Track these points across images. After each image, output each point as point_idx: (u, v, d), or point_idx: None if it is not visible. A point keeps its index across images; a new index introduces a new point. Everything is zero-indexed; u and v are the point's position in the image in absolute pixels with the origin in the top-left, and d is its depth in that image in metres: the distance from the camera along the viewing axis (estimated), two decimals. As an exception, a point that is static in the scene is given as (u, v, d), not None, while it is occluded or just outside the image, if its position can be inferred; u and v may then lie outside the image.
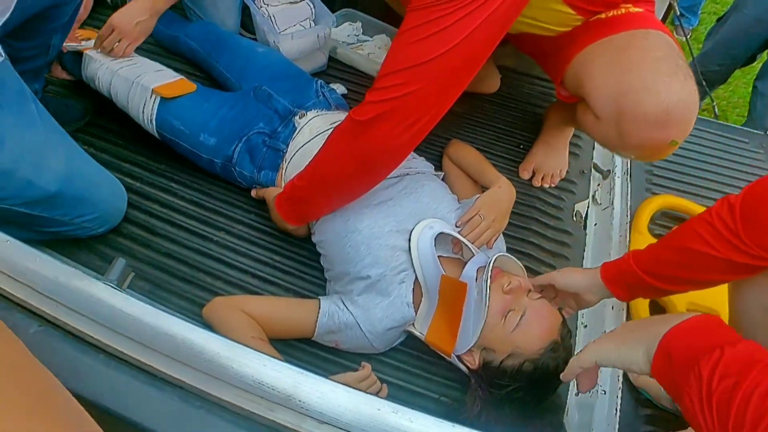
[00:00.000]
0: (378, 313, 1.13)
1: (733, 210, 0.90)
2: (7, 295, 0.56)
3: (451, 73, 0.97)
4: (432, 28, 0.92)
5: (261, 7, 1.70)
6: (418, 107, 0.99)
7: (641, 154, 1.21)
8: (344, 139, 1.08)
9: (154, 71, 1.46)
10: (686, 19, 3.42)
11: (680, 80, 1.09)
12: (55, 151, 1.13)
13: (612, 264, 1.09)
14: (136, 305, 0.55)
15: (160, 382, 0.54)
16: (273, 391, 0.50)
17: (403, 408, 0.50)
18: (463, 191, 1.37)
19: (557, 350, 1.06)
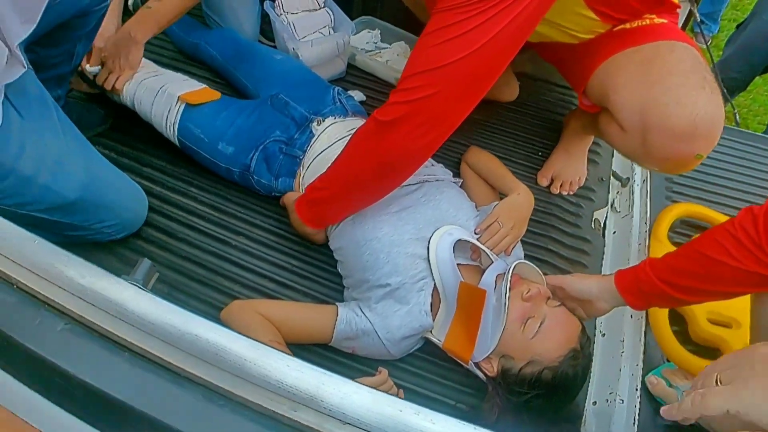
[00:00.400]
0: (396, 320, 1.13)
1: (757, 221, 0.89)
2: (35, 294, 0.58)
3: (473, 75, 0.97)
4: (455, 30, 0.92)
5: (281, 14, 1.72)
6: (441, 109, 0.99)
7: (666, 167, 1.22)
8: (367, 140, 1.09)
9: (179, 80, 1.48)
10: (706, 26, 3.40)
11: (707, 94, 1.08)
12: (75, 158, 1.14)
13: (627, 272, 1.08)
14: (161, 305, 0.55)
15: (184, 380, 0.54)
16: (296, 391, 0.51)
17: (425, 410, 0.51)
18: (481, 198, 1.37)
19: (577, 358, 1.06)
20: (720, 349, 1.32)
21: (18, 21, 0.97)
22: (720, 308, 1.34)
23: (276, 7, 1.73)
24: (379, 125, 1.03)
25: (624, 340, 1.33)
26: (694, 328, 1.35)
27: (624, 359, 1.30)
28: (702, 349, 1.33)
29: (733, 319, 1.33)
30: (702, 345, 1.35)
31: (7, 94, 1.01)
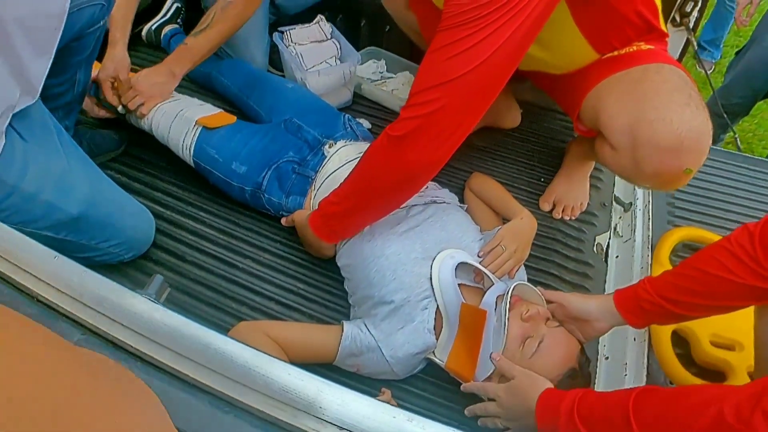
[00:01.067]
0: (400, 338, 1.15)
1: (753, 237, 0.92)
2: (54, 307, 0.61)
3: (479, 88, 1.02)
4: (461, 46, 0.97)
5: (289, 45, 1.78)
6: (449, 121, 1.04)
7: (657, 183, 1.24)
8: (380, 154, 1.12)
9: (196, 105, 1.54)
10: (708, 52, 3.45)
11: (692, 110, 1.12)
12: (77, 176, 1.19)
13: (627, 290, 1.10)
14: (172, 317, 0.59)
15: (192, 388, 0.57)
16: (296, 398, 0.53)
17: (417, 417, 0.53)
18: (485, 223, 1.39)
19: (575, 377, 1.07)
20: (723, 371, 1.33)
21: (33, 54, 1.02)
22: (723, 331, 1.35)
23: (285, 39, 1.79)
24: (392, 140, 1.07)
25: (627, 363, 1.34)
26: (697, 350, 1.36)
27: (627, 382, 1.31)
28: (705, 372, 1.34)
29: (737, 342, 1.34)
30: (705, 368, 1.35)
31: (11, 119, 1.07)
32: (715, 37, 3.41)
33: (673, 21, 1.72)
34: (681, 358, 1.33)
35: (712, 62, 3.45)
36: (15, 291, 0.61)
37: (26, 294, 0.61)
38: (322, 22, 1.86)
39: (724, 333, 1.35)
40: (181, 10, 2.01)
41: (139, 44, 1.98)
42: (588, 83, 1.30)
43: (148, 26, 1.96)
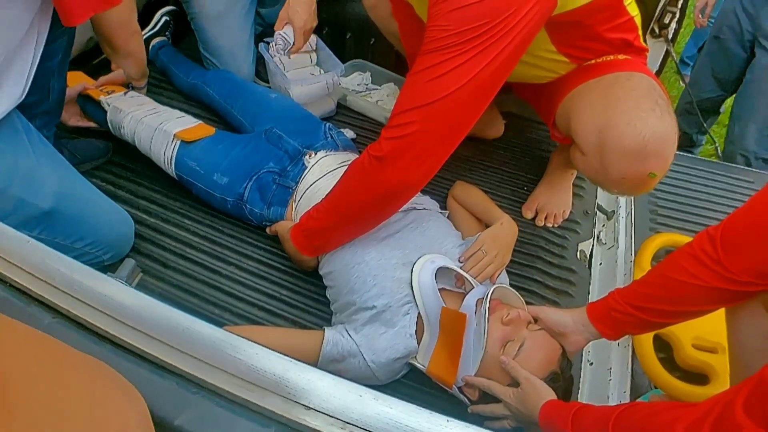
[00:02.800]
0: (382, 343, 1.15)
1: (714, 240, 0.93)
2: (26, 290, 0.61)
3: (460, 110, 1.04)
4: (441, 69, 0.99)
5: (274, 56, 1.80)
6: (431, 142, 1.06)
7: (624, 188, 1.25)
8: (361, 174, 1.13)
9: (175, 118, 1.54)
10: (691, 67, 3.49)
11: (657, 115, 1.14)
12: (46, 172, 1.20)
13: (598, 303, 1.11)
14: (141, 298, 0.59)
15: (160, 369, 0.57)
16: (264, 378, 0.54)
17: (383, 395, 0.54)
18: (467, 230, 1.40)
19: (557, 381, 1.07)
20: (707, 374, 1.33)
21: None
22: (705, 334, 1.35)
23: (270, 49, 1.81)
24: (373, 160, 1.08)
25: (611, 368, 1.34)
26: (680, 354, 1.36)
27: (612, 387, 1.31)
28: (689, 375, 1.34)
29: (719, 344, 1.34)
30: (688, 371, 1.36)
31: None
32: (696, 53, 3.46)
33: (652, 32, 1.75)
34: (664, 362, 1.34)
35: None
36: (-14, 276, 0.62)
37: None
38: (307, 34, 1.88)
39: (707, 336, 1.35)
40: (169, 23, 2.03)
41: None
42: (563, 91, 1.33)
43: (136, 39, 1.98)
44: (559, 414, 0.95)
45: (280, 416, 0.54)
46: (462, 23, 0.97)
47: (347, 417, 0.53)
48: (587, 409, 0.93)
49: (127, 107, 1.55)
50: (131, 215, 1.38)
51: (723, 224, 0.93)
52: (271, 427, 0.53)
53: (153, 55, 1.96)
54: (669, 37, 1.75)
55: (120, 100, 1.57)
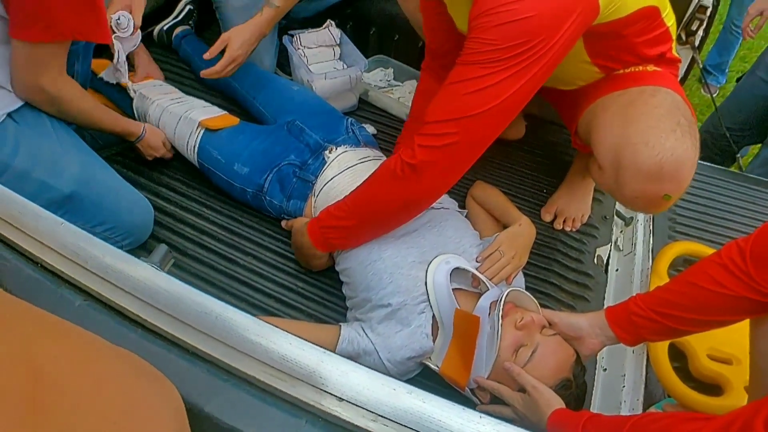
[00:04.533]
0: (397, 341, 1.15)
1: (744, 253, 0.93)
2: (58, 273, 0.61)
3: (496, 122, 1.06)
4: (482, 83, 1.01)
5: (298, 48, 1.80)
6: (466, 153, 1.09)
7: (637, 206, 1.24)
8: (392, 179, 1.14)
9: (201, 107, 1.55)
10: (714, 77, 3.46)
11: (677, 137, 1.11)
12: (69, 156, 1.22)
13: (618, 306, 1.10)
14: (174, 284, 0.59)
15: (191, 355, 0.57)
16: (296, 368, 0.54)
17: (417, 389, 0.53)
18: (485, 230, 1.40)
19: (569, 387, 1.06)
20: (721, 385, 1.32)
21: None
22: (720, 345, 1.34)
23: (294, 42, 1.81)
24: (406, 167, 1.10)
25: (625, 375, 1.34)
26: (695, 364, 1.35)
27: (625, 394, 1.31)
28: (702, 386, 1.33)
29: (733, 356, 1.33)
30: (702, 381, 1.35)
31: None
32: (720, 61, 3.43)
33: (679, 39, 1.74)
34: (678, 372, 1.33)
35: (717, 86, 3.46)
36: (20, 257, 0.62)
37: (30, 260, 0.62)
38: (332, 27, 1.88)
39: (722, 347, 1.34)
40: (193, 12, 2.03)
41: (150, 44, 2.00)
42: (587, 99, 1.31)
43: (160, 27, 1.98)
44: (567, 424, 0.94)
45: (312, 407, 0.53)
46: (506, 39, 0.97)
47: (379, 410, 0.53)
48: (597, 419, 0.93)
49: (154, 95, 1.56)
50: (150, 202, 1.38)
51: (753, 237, 0.93)
52: (302, 417, 0.53)
53: (177, 43, 1.96)
54: (695, 44, 1.74)
55: (147, 88, 1.58)
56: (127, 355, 0.48)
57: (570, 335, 1.12)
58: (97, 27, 1.16)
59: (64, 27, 1.11)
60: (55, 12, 1.07)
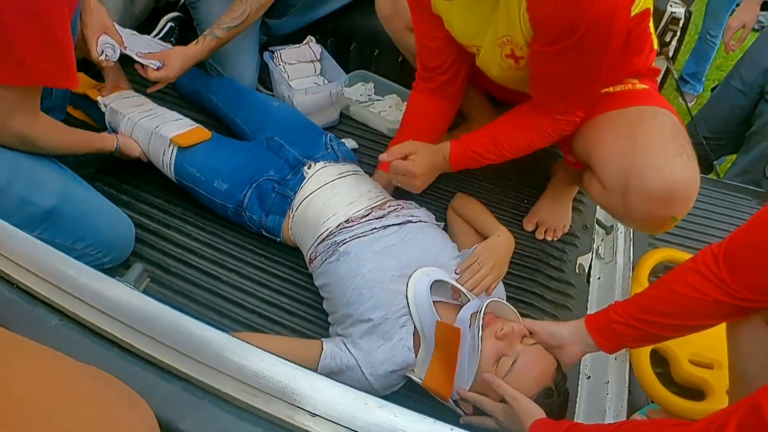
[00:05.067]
0: (380, 355, 1.15)
1: (717, 258, 0.95)
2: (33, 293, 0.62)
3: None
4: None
5: (279, 64, 1.82)
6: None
7: (643, 227, 1.29)
8: (539, 134, 1.34)
9: (171, 120, 1.54)
10: (691, 85, 3.51)
11: (684, 161, 1.15)
12: (48, 172, 1.23)
13: (597, 314, 1.12)
14: (149, 303, 0.59)
15: (167, 374, 0.58)
16: (270, 384, 0.54)
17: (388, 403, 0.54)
18: (465, 241, 1.41)
19: (551, 396, 1.07)
20: (703, 390, 1.34)
21: None
22: (701, 350, 1.36)
23: (275, 58, 1.83)
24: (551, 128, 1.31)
25: (609, 382, 1.35)
26: (677, 369, 1.37)
27: (609, 401, 1.32)
28: (685, 390, 1.35)
29: (715, 360, 1.35)
30: (685, 386, 1.36)
31: None
32: (697, 70, 3.49)
33: (654, 50, 1.77)
34: (661, 377, 1.34)
35: (695, 95, 3.52)
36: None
37: (6, 280, 0.62)
38: (312, 43, 1.90)
39: (703, 352, 1.36)
40: (174, 29, 2.05)
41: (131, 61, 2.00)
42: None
43: (141, 44, 1.99)
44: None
45: (286, 422, 0.54)
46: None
47: (352, 424, 0.53)
48: (578, 428, 0.93)
49: (124, 109, 1.56)
50: (132, 219, 1.38)
51: (726, 242, 0.95)
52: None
53: (158, 61, 1.97)
54: (670, 55, 1.77)
55: (117, 101, 1.57)
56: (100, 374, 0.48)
57: (551, 344, 1.13)
58: (66, 74, 1.16)
59: (33, 72, 1.11)
60: (24, 57, 1.07)
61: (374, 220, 1.30)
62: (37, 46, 1.08)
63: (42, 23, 1.06)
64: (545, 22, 1.12)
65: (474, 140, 1.38)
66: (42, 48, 1.09)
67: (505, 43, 1.24)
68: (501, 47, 1.25)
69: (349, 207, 1.34)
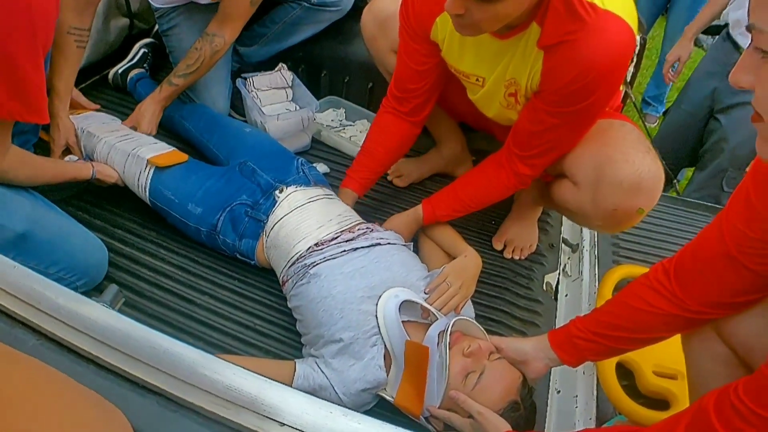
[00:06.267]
0: (352, 374, 1.17)
1: (668, 273, 1.00)
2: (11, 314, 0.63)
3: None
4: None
5: (251, 91, 1.85)
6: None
7: (611, 221, 1.33)
8: (505, 190, 1.46)
9: (148, 144, 1.57)
10: (653, 107, 3.62)
11: (651, 158, 1.24)
12: (18, 198, 1.23)
13: (560, 330, 1.15)
14: (125, 322, 0.61)
15: (141, 389, 0.60)
16: (239, 396, 0.57)
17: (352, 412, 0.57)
18: (434, 262, 1.44)
19: (517, 410, 1.10)
20: (668, 399, 1.38)
21: None
22: (665, 361, 1.40)
23: (247, 84, 1.87)
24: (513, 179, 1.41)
25: (577, 396, 1.38)
26: (642, 381, 1.41)
27: (578, 414, 1.35)
28: (651, 401, 1.39)
29: (678, 371, 1.39)
30: (650, 397, 1.40)
31: None
32: (658, 93, 3.61)
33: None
34: (627, 389, 1.38)
35: (657, 116, 3.63)
36: (-28, 300, 0.64)
37: (-18, 303, 0.64)
38: (284, 70, 1.94)
39: (666, 363, 1.40)
40: (148, 55, 2.07)
41: (105, 87, 2.03)
42: None
43: (115, 70, 2.02)
44: None
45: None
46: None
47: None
48: None
49: (100, 132, 1.58)
50: (106, 244, 1.39)
51: (675, 257, 1.00)
52: (247, 443, 0.56)
53: (131, 86, 2.00)
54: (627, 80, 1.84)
55: (94, 125, 1.59)
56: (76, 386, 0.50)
57: (516, 359, 1.16)
58: (37, 111, 1.17)
59: (3, 109, 1.11)
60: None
61: (344, 242, 1.33)
62: (6, 86, 1.08)
63: (12, 62, 1.06)
64: (553, 86, 1.19)
65: (439, 201, 1.52)
66: (12, 87, 1.09)
67: (511, 84, 1.30)
68: (506, 87, 1.32)
69: (318, 230, 1.36)
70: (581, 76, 1.13)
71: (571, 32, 1.11)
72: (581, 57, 1.11)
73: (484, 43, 1.26)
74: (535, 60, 1.20)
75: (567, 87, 1.16)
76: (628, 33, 1.12)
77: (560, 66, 1.15)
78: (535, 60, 1.20)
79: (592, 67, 1.12)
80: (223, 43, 1.72)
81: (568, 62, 1.13)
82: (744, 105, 2.14)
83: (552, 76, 1.18)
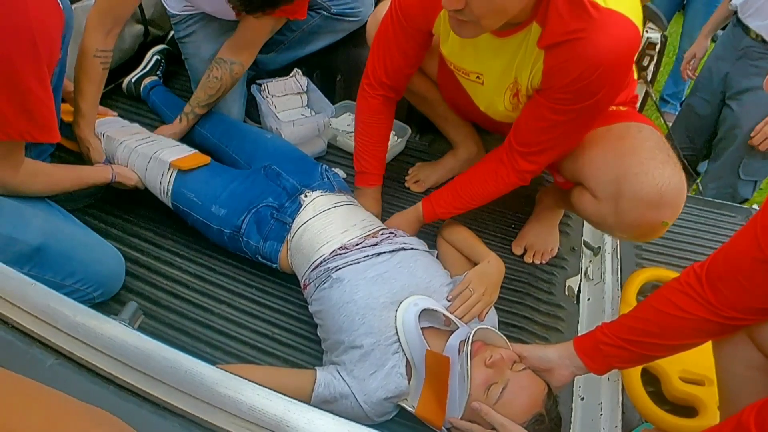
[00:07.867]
0: (373, 383, 1.15)
1: (700, 278, 0.97)
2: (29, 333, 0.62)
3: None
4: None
5: (266, 97, 1.84)
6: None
7: (635, 234, 1.29)
8: (506, 188, 1.44)
9: (170, 147, 1.57)
10: (671, 105, 3.58)
11: (672, 167, 1.20)
12: (33, 210, 1.23)
13: (585, 336, 1.13)
14: (145, 341, 0.60)
15: (163, 410, 0.58)
16: (264, 417, 0.55)
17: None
18: (455, 268, 1.42)
19: (542, 422, 1.07)
20: (695, 406, 1.35)
21: None
22: (692, 366, 1.37)
23: (262, 91, 1.85)
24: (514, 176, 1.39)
25: (602, 403, 1.35)
26: (668, 387, 1.38)
27: (603, 421, 1.32)
28: (677, 408, 1.36)
29: (705, 377, 1.36)
30: (677, 404, 1.37)
31: None
32: (676, 90, 3.56)
33: (632, 74, 1.81)
34: (653, 396, 1.35)
35: (675, 114, 3.58)
36: (-10, 318, 0.62)
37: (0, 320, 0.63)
38: (299, 75, 1.93)
39: (693, 369, 1.37)
40: (161, 62, 2.07)
41: (120, 95, 2.03)
42: None
43: (129, 78, 2.02)
44: None
45: (281, 455, 0.55)
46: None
47: (343, 454, 0.54)
48: None
49: (120, 136, 1.58)
50: (123, 253, 1.39)
51: (708, 262, 0.97)
52: (272, 466, 0.54)
53: (145, 94, 2.00)
54: (648, 78, 1.81)
55: (112, 129, 1.59)
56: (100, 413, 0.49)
57: (540, 368, 1.14)
58: (46, 130, 1.17)
59: (12, 129, 1.12)
60: (3, 113, 1.09)
61: (367, 247, 1.31)
62: (12, 104, 1.09)
63: (16, 82, 1.07)
64: (557, 84, 1.16)
65: (439, 198, 1.51)
66: (19, 105, 1.10)
67: (513, 84, 1.28)
68: (510, 89, 1.30)
69: (343, 235, 1.35)
70: (586, 74, 1.11)
71: (574, 31, 1.09)
72: (586, 55, 1.09)
73: (484, 40, 1.24)
74: (535, 59, 1.18)
75: (572, 85, 1.14)
76: (633, 30, 1.09)
77: (564, 64, 1.13)
78: (536, 59, 1.18)
79: (598, 65, 1.09)
80: (242, 68, 1.73)
81: (572, 60, 1.11)
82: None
83: (555, 74, 1.16)
